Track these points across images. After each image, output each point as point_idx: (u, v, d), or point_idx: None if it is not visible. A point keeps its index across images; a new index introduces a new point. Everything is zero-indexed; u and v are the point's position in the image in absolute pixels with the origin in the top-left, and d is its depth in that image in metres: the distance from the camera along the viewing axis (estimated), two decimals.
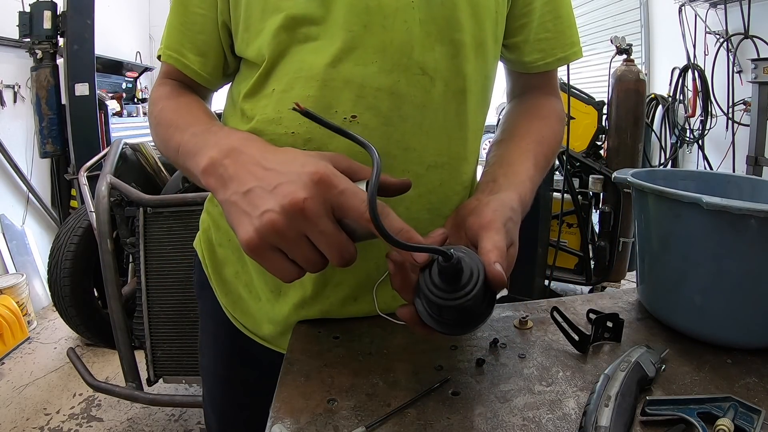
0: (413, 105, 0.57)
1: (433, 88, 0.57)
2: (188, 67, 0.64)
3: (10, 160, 3.07)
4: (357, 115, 0.55)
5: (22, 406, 2.11)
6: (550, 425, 0.44)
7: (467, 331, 0.44)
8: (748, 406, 0.43)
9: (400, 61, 0.55)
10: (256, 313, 0.68)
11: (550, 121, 0.68)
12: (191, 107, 0.62)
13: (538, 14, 0.65)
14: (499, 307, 0.67)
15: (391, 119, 0.56)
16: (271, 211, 0.41)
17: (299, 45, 0.56)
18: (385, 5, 0.54)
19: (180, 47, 0.64)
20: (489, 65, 0.63)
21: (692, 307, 0.58)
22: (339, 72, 0.54)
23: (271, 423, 0.44)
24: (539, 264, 2.51)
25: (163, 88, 0.66)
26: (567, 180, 2.50)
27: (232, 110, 0.65)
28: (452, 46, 0.57)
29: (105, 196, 1.69)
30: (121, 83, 4.66)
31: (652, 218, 0.62)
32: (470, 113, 0.62)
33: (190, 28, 0.63)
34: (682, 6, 3.97)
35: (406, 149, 0.57)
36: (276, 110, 0.57)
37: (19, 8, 3.07)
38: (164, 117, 0.61)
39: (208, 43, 0.63)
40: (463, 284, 0.41)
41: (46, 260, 2.31)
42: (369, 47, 0.54)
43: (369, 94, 0.55)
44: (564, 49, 0.68)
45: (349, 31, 0.54)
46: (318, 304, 0.63)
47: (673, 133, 3.99)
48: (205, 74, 0.65)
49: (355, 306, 0.63)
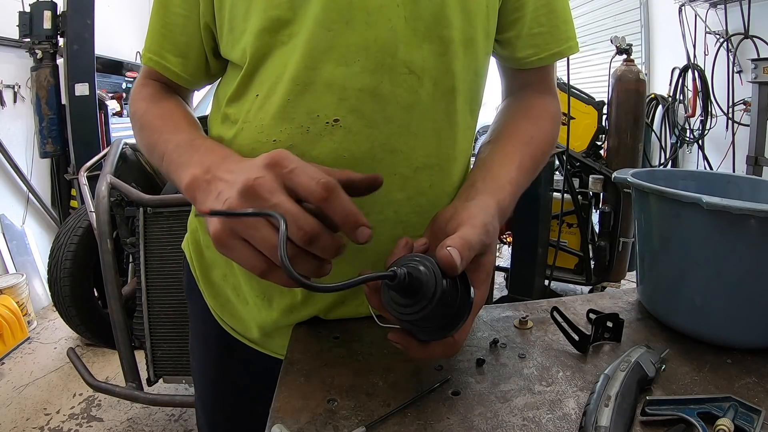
0: (399, 106, 0.55)
1: (420, 88, 0.55)
2: (168, 69, 0.64)
3: (10, 160, 3.07)
4: (339, 119, 0.54)
5: (22, 406, 2.11)
6: (550, 425, 0.44)
7: (457, 326, 0.44)
8: (748, 406, 0.43)
9: (383, 61, 0.53)
10: (244, 316, 0.68)
11: (541, 121, 0.66)
12: (174, 114, 0.62)
13: (532, 8, 0.63)
14: (499, 307, 0.67)
15: (375, 121, 0.54)
16: (229, 198, 0.42)
17: (282, 47, 0.54)
18: (368, 1, 0.52)
19: (160, 49, 0.64)
20: (479, 62, 0.61)
21: (692, 307, 0.58)
22: (319, 74, 0.53)
23: (271, 423, 0.44)
24: (539, 264, 2.51)
25: (145, 89, 0.66)
26: (567, 180, 2.50)
27: (216, 114, 0.64)
28: (440, 43, 0.55)
29: (105, 196, 1.69)
30: (121, 83, 4.65)
31: (652, 218, 0.62)
32: (460, 112, 0.60)
33: (171, 30, 0.63)
34: (682, 6, 3.97)
35: (392, 152, 0.56)
36: (258, 117, 0.56)
37: (19, 8, 3.06)
38: (148, 122, 0.61)
39: (189, 44, 0.63)
40: (425, 292, 0.41)
41: (46, 260, 2.30)
42: (351, 45, 0.53)
43: (351, 96, 0.53)
44: (559, 44, 0.66)
45: (329, 29, 0.52)
46: (306, 309, 0.63)
47: (673, 133, 3.99)
48: (186, 75, 0.65)
49: (343, 308, 0.64)
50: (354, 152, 0.55)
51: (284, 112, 0.54)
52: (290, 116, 0.54)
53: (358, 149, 0.55)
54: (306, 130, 0.54)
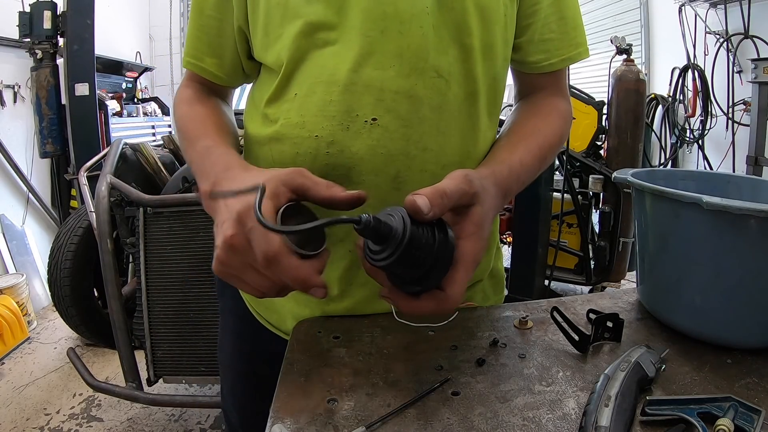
0: (430, 107, 0.58)
1: (448, 91, 0.59)
2: (205, 71, 0.69)
3: (10, 160, 3.07)
4: (377, 118, 0.57)
5: (22, 406, 2.11)
6: (550, 425, 0.44)
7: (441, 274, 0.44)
8: (748, 406, 0.43)
9: (416, 65, 0.57)
10: (280, 308, 0.70)
11: (549, 117, 0.69)
12: (205, 119, 0.66)
13: (543, 14, 0.66)
14: (500, 307, 0.67)
15: (410, 121, 0.58)
16: (218, 247, 0.46)
17: (318, 50, 0.58)
18: (401, 11, 0.56)
19: (197, 52, 0.68)
20: (498, 68, 0.64)
21: (692, 307, 0.58)
22: (359, 76, 0.57)
23: (271, 423, 0.44)
24: (539, 264, 2.50)
25: (186, 90, 0.70)
26: (567, 180, 2.50)
27: (254, 113, 0.67)
28: (462, 50, 0.59)
29: (105, 196, 1.69)
30: (121, 83, 4.66)
31: (652, 218, 0.62)
32: (481, 115, 0.63)
33: (207, 32, 0.67)
34: (682, 6, 3.97)
35: (424, 150, 0.59)
36: (299, 114, 0.59)
37: (19, 8, 3.07)
38: (182, 125, 0.66)
39: (223, 45, 0.67)
40: (394, 236, 0.42)
41: (46, 260, 2.30)
42: (387, 52, 0.56)
43: (388, 98, 0.57)
44: (569, 50, 0.68)
45: (367, 36, 0.56)
46: (344, 302, 0.65)
47: (673, 133, 3.99)
48: (223, 75, 0.69)
49: (381, 303, 0.64)
50: (390, 149, 0.58)
51: (325, 110, 0.58)
52: (331, 114, 0.57)
53: (394, 146, 0.58)
54: (346, 128, 0.57)
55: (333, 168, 0.59)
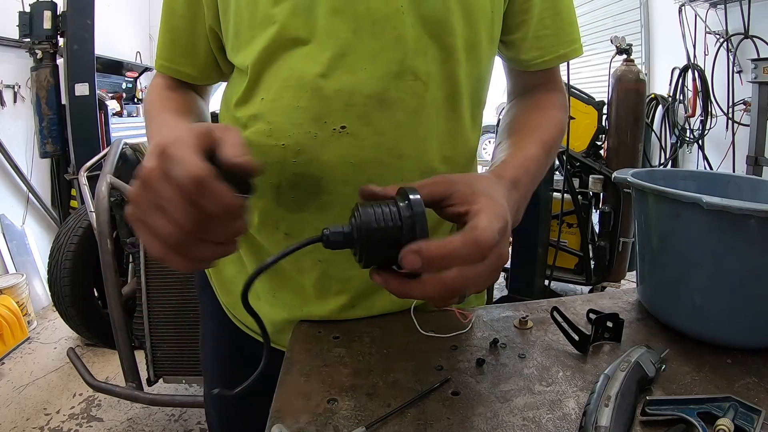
0: (405, 112, 0.55)
1: (426, 93, 0.56)
2: (180, 72, 0.67)
3: (10, 160, 3.07)
4: (346, 126, 0.54)
5: (22, 406, 2.11)
6: (550, 425, 0.44)
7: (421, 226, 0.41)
8: (748, 406, 0.43)
9: (390, 68, 0.54)
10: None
11: (548, 111, 0.67)
12: (167, 100, 0.63)
13: (537, 11, 0.64)
14: (499, 307, 0.67)
15: (383, 128, 0.55)
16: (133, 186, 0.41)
17: (287, 52, 0.55)
18: (374, 10, 0.53)
19: (169, 53, 0.66)
20: (482, 67, 0.62)
21: (692, 307, 0.58)
22: (328, 81, 0.53)
23: (271, 423, 0.44)
24: (539, 264, 2.51)
25: (158, 79, 0.68)
26: (567, 180, 2.50)
27: (225, 115, 0.65)
28: (443, 50, 0.56)
29: (105, 196, 1.69)
30: (121, 83, 4.65)
31: (652, 218, 0.62)
32: (464, 116, 0.61)
33: (179, 34, 0.65)
34: (682, 6, 3.97)
35: (399, 157, 0.56)
36: (266, 121, 0.57)
37: (19, 8, 3.06)
38: (148, 110, 0.63)
39: (196, 43, 0.65)
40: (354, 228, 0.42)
41: (46, 260, 2.30)
42: (359, 54, 0.53)
43: (359, 103, 0.54)
44: (564, 47, 0.66)
45: (338, 38, 0.53)
46: (318, 310, 0.64)
47: (673, 133, 3.99)
48: (197, 74, 0.67)
49: (351, 312, 0.64)
50: (361, 158, 0.55)
51: (293, 117, 0.55)
52: (298, 121, 0.55)
53: (365, 155, 0.55)
54: (314, 136, 0.55)
55: (302, 178, 0.56)
